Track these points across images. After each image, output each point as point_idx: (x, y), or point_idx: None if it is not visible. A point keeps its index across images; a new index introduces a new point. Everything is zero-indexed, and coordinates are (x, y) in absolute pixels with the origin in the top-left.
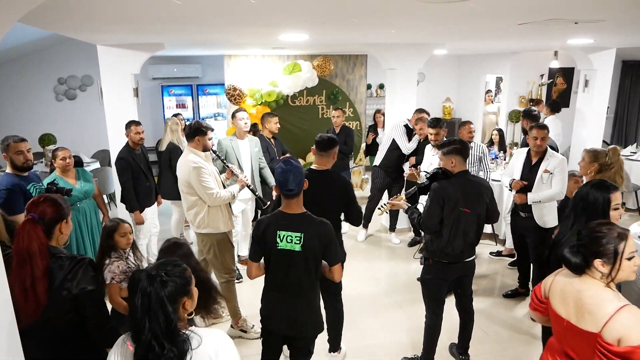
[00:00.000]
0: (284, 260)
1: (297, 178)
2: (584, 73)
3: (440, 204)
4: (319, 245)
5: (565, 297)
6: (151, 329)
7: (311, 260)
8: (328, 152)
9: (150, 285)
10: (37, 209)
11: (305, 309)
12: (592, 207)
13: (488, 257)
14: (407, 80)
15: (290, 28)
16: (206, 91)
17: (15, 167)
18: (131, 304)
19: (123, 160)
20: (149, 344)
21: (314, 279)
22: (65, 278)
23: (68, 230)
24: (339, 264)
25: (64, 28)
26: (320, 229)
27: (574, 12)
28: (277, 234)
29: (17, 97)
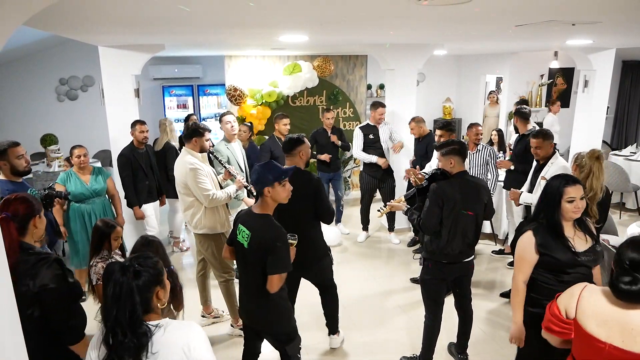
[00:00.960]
0: (238, 252)
1: (258, 178)
2: (584, 73)
3: (439, 204)
4: (262, 247)
5: (605, 320)
6: (117, 317)
7: (255, 260)
8: (292, 152)
9: (123, 275)
10: (9, 208)
11: (258, 304)
12: (549, 195)
13: (488, 257)
14: (407, 80)
15: (290, 29)
16: (207, 91)
17: (16, 173)
18: (103, 293)
19: (123, 156)
20: (113, 331)
21: (260, 280)
22: (25, 274)
23: (42, 224)
24: (277, 275)
25: (66, 30)
26: (266, 233)
27: (570, 14)
28: (238, 226)
29: (19, 98)
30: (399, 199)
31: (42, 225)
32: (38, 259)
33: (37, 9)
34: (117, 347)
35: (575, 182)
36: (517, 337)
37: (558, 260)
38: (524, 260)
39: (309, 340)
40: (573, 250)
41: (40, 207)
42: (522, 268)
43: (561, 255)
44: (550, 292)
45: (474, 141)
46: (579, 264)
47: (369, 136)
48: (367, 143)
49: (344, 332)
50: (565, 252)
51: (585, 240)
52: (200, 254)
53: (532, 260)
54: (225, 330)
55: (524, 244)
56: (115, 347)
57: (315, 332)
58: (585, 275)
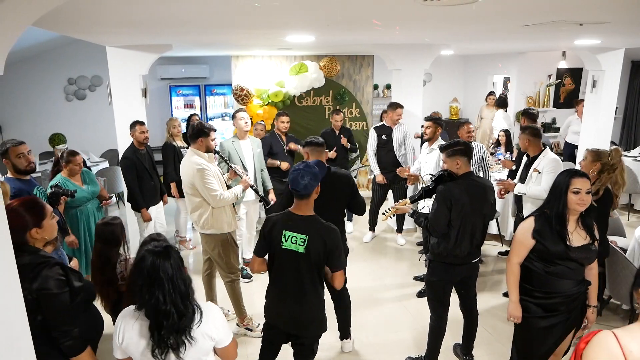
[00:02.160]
0: (287, 260)
1: (305, 180)
2: (592, 73)
3: (447, 206)
4: (322, 249)
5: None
6: (171, 297)
7: (314, 263)
8: (323, 146)
9: (168, 258)
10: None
11: (306, 309)
12: (556, 186)
13: (494, 258)
14: (413, 80)
15: (297, 30)
16: (214, 91)
17: (19, 171)
18: (150, 283)
19: (127, 159)
20: (167, 314)
21: (317, 281)
22: (25, 277)
23: (45, 234)
24: (342, 270)
25: (75, 30)
26: (327, 234)
27: (578, 14)
28: (282, 233)
29: (28, 97)
30: (405, 201)
31: (45, 233)
32: (39, 262)
33: (46, 9)
34: (171, 327)
35: (582, 176)
36: (514, 315)
37: (548, 250)
38: (521, 243)
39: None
40: (567, 243)
41: (43, 216)
42: (518, 250)
43: (551, 245)
44: (536, 282)
45: (466, 139)
46: (569, 258)
47: (381, 137)
48: (379, 144)
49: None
50: (557, 244)
51: (584, 238)
52: (206, 254)
53: (528, 245)
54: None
55: (523, 228)
56: (168, 329)
57: None
58: (572, 270)
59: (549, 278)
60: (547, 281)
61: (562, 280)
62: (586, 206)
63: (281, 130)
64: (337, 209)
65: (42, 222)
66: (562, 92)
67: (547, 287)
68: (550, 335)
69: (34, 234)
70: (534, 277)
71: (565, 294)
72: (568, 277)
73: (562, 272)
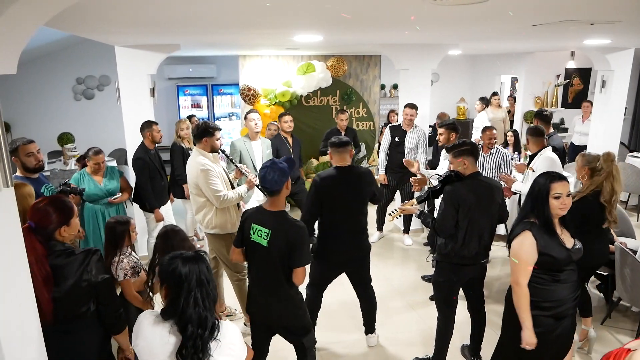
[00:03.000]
0: (254, 252)
1: (273, 177)
2: (601, 73)
3: (455, 206)
4: (284, 244)
5: None
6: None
7: (276, 257)
8: (347, 147)
9: (195, 263)
10: (37, 215)
11: (277, 301)
12: (536, 192)
13: (502, 259)
14: (421, 80)
15: (305, 29)
16: (221, 91)
17: (27, 170)
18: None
19: (141, 160)
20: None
21: (282, 276)
22: (83, 271)
23: (72, 232)
24: (302, 267)
25: (84, 30)
26: (290, 230)
27: (589, 13)
28: (251, 226)
29: (36, 97)
30: (411, 202)
31: (72, 231)
32: (85, 255)
33: (58, 9)
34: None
35: (561, 179)
36: (530, 343)
37: (555, 259)
38: (527, 262)
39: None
40: (566, 247)
41: (71, 215)
42: (525, 270)
43: (558, 254)
44: (545, 293)
45: (488, 145)
46: (572, 261)
47: (394, 138)
48: (392, 145)
49: (357, 333)
50: (561, 250)
51: (570, 238)
52: (212, 253)
53: (533, 262)
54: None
55: (526, 245)
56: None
57: (325, 332)
58: (573, 271)
59: (558, 287)
60: (557, 291)
61: (569, 285)
62: (567, 209)
63: (286, 131)
64: (363, 204)
65: (70, 220)
66: (571, 92)
67: (555, 296)
68: (564, 341)
69: (62, 232)
70: (541, 290)
71: (574, 296)
72: (572, 280)
73: (568, 277)
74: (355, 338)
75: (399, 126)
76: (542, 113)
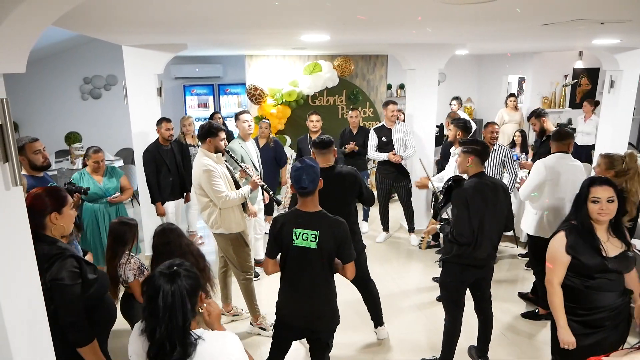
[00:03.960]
0: (300, 257)
1: (310, 176)
2: (610, 74)
3: (466, 206)
4: (333, 243)
5: None
6: (168, 327)
7: (326, 257)
8: (329, 148)
9: (172, 283)
10: (29, 199)
11: (320, 303)
12: (578, 197)
13: (509, 260)
14: (428, 80)
15: (312, 29)
16: (227, 91)
17: (34, 168)
18: (151, 306)
19: (148, 153)
20: (162, 343)
21: (328, 274)
22: (42, 268)
23: (63, 221)
24: (352, 262)
25: (92, 30)
26: (336, 227)
27: (600, 12)
28: (293, 231)
29: (44, 96)
30: (431, 221)
31: (64, 221)
32: (54, 253)
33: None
34: (163, 358)
35: (603, 183)
36: (567, 342)
37: (584, 265)
38: (557, 261)
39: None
40: (603, 255)
41: (64, 203)
42: (556, 270)
43: (588, 260)
44: (577, 297)
45: (489, 141)
46: (607, 269)
47: (381, 139)
48: (380, 146)
49: (363, 333)
50: (593, 257)
51: (620, 247)
52: (221, 252)
53: (565, 262)
54: (245, 328)
55: (556, 245)
56: (161, 359)
57: None
58: (613, 282)
59: (590, 293)
60: (589, 297)
61: (603, 294)
62: (610, 215)
63: (312, 131)
64: (345, 205)
65: (62, 208)
66: (579, 92)
67: (589, 303)
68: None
69: (53, 219)
70: (574, 294)
71: (610, 307)
72: (609, 289)
73: (603, 285)
74: (361, 338)
75: (383, 126)
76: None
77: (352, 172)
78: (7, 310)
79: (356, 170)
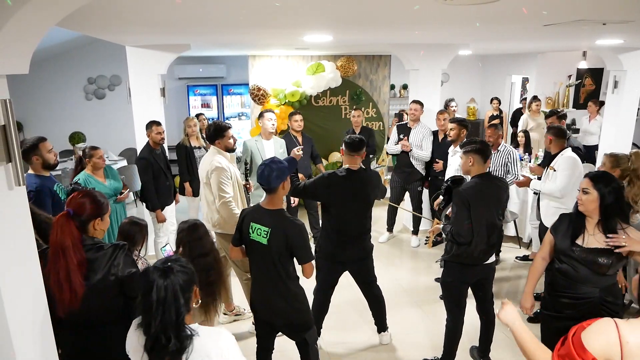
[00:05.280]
0: (254, 250)
1: (272, 175)
2: (614, 74)
3: (466, 206)
4: (284, 242)
5: None
6: (162, 321)
7: (276, 254)
8: (359, 152)
9: (166, 278)
10: (75, 204)
11: (279, 297)
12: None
13: (512, 261)
14: (431, 80)
15: (315, 29)
16: (230, 91)
17: (47, 166)
18: (145, 300)
19: (144, 160)
20: (157, 337)
21: (282, 273)
22: (111, 265)
23: (103, 227)
24: (309, 262)
25: (96, 30)
26: (289, 228)
27: (602, 13)
28: (250, 225)
29: (48, 97)
30: (436, 221)
31: (104, 226)
32: (113, 249)
33: (70, 9)
34: (160, 351)
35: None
36: (523, 306)
37: (556, 246)
38: (546, 238)
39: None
40: (576, 242)
41: (107, 210)
42: (543, 246)
43: (560, 242)
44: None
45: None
46: (572, 256)
47: (400, 135)
48: (398, 142)
49: (365, 333)
50: (564, 240)
51: (600, 240)
52: (222, 252)
53: (549, 240)
54: (247, 328)
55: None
56: (157, 351)
57: (334, 332)
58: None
59: (558, 276)
60: (557, 279)
61: (569, 281)
62: (583, 206)
63: (296, 130)
64: (369, 206)
65: (104, 215)
66: (582, 92)
67: (556, 285)
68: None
69: (96, 225)
70: (553, 275)
71: (574, 295)
72: (575, 278)
73: (569, 271)
74: (363, 338)
75: (406, 124)
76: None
77: (376, 175)
78: (10, 309)
79: (378, 173)
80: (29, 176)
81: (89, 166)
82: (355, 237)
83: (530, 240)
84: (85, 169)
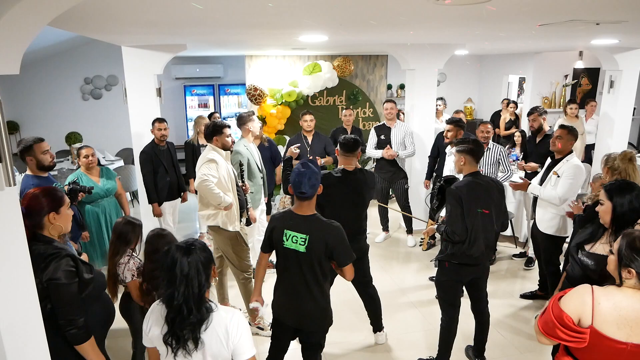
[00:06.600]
0: (289, 258)
1: (311, 182)
2: (610, 74)
3: (460, 204)
4: (324, 248)
5: (627, 320)
6: (184, 294)
7: (315, 261)
8: (354, 152)
9: (189, 255)
10: (28, 199)
11: (311, 304)
12: None
13: (508, 260)
14: (427, 80)
15: (310, 29)
16: (227, 91)
17: (42, 168)
18: (170, 274)
19: (144, 153)
20: (179, 308)
21: (320, 277)
22: (37, 267)
23: (61, 221)
24: (350, 264)
25: (90, 30)
26: (328, 232)
27: (594, 13)
28: (283, 232)
29: (45, 97)
30: (430, 222)
31: (62, 221)
32: (50, 253)
33: (62, 9)
34: (181, 322)
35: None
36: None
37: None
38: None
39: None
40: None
41: (61, 203)
42: None
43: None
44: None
45: (481, 139)
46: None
47: (380, 137)
48: (379, 144)
49: (361, 333)
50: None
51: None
52: (217, 252)
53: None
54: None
55: None
56: (179, 322)
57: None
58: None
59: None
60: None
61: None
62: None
63: (306, 131)
64: (364, 207)
65: (60, 208)
66: (579, 92)
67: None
68: None
69: (51, 219)
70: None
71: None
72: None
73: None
74: (359, 338)
75: (383, 125)
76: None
77: (371, 175)
78: (1, 310)
79: (374, 174)
80: (27, 177)
81: (82, 166)
82: (350, 238)
83: (527, 239)
84: (80, 168)
